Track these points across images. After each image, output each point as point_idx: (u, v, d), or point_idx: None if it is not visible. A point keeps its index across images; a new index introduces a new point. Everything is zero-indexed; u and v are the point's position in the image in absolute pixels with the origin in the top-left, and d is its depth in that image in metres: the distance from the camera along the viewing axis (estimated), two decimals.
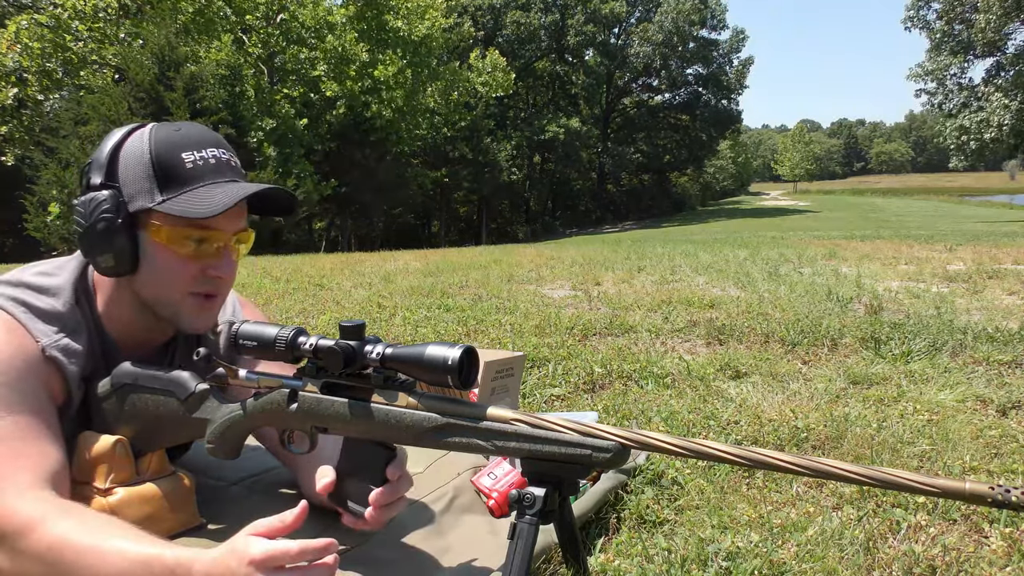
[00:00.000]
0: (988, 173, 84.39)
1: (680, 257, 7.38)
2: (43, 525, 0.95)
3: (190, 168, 1.13)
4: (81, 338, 1.16)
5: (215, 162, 1.16)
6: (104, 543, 0.93)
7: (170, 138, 1.14)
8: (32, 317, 1.11)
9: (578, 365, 2.70)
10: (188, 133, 1.17)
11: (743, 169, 78.22)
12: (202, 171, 1.14)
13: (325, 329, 3.55)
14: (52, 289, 1.16)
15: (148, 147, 1.13)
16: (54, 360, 1.11)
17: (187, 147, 1.14)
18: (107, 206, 1.11)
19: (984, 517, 1.45)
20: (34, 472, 1.02)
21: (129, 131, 1.16)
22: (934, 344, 2.92)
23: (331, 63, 22.72)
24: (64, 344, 1.13)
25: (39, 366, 1.10)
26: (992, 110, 22.74)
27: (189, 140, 1.15)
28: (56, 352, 1.11)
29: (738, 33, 44.33)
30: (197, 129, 1.19)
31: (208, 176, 1.14)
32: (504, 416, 0.96)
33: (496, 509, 1.40)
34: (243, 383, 1.13)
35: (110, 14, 18.57)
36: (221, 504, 1.36)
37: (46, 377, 1.11)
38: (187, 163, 1.13)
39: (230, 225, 1.17)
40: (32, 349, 1.09)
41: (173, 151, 1.13)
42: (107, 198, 1.11)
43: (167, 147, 1.13)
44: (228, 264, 1.18)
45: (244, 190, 1.13)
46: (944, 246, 8.04)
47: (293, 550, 0.88)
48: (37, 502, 0.97)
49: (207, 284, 1.17)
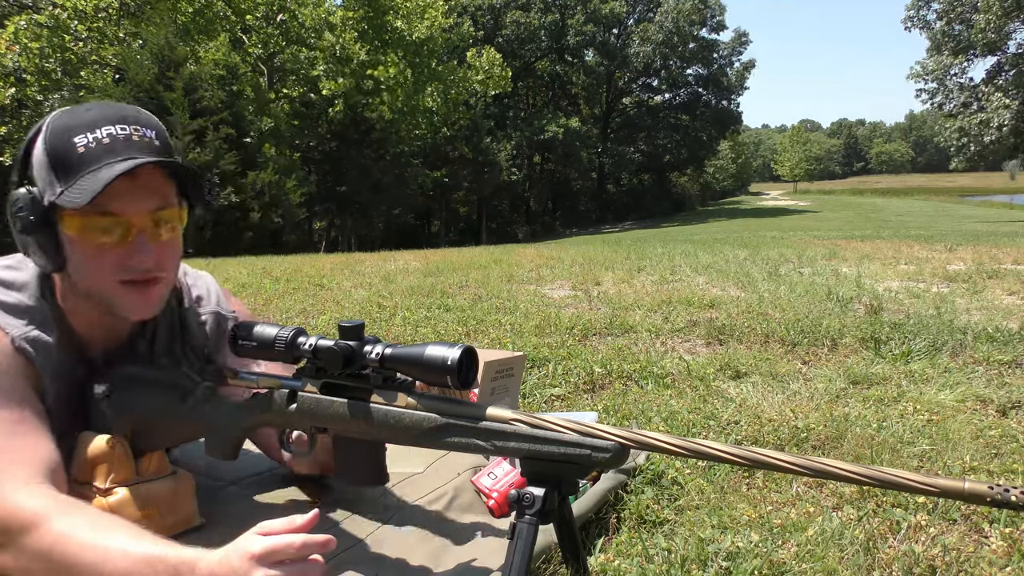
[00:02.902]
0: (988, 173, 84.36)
1: (680, 257, 7.38)
2: (46, 522, 0.94)
3: (82, 153, 1.07)
4: (51, 331, 1.14)
5: (109, 141, 1.08)
6: (107, 541, 0.92)
7: (65, 124, 1.09)
8: (0, 312, 1.10)
9: (578, 365, 2.70)
10: (87, 115, 1.10)
11: (743, 169, 78.22)
12: (95, 154, 1.07)
13: (325, 329, 3.55)
14: (18, 283, 1.15)
15: (44, 137, 1.09)
16: (23, 352, 1.10)
17: (80, 130, 1.08)
18: (21, 205, 1.08)
19: (984, 517, 1.45)
20: (30, 466, 1.01)
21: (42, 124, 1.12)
22: (934, 344, 2.92)
23: (330, 62, 22.72)
24: (34, 336, 1.11)
25: (16, 360, 1.09)
26: (992, 111, 22.73)
27: (83, 122, 1.09)
28: (25, 344, 1.10)
29: (740, 35, 44.39)
30: (97, 109, 1.12)
31: (100, 158, 1.06)
32: (504, 416, 0.96)
33: (496, 509, 1.40)
34: (243, 383, 1.13)
35: (110, 14, 18.57)
36: (221, 504, 1.36)
37: (21, 370, 1.10)
38: (79, 148, 1.07)
39: (138, 205, 1.09)
40: (5, 342, 1.08)
41: (66, 137, 1.07)
42: (21, 197, 1.08)
43: (60, 134, 1.08)
44: (147, 249, 1.10)
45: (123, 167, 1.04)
46: (944, 246, 8.04)
47: (296, 543, 0.89)
48: (38, 498, 0.97)
49: (132, 271, 1.11)
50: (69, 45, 17.98)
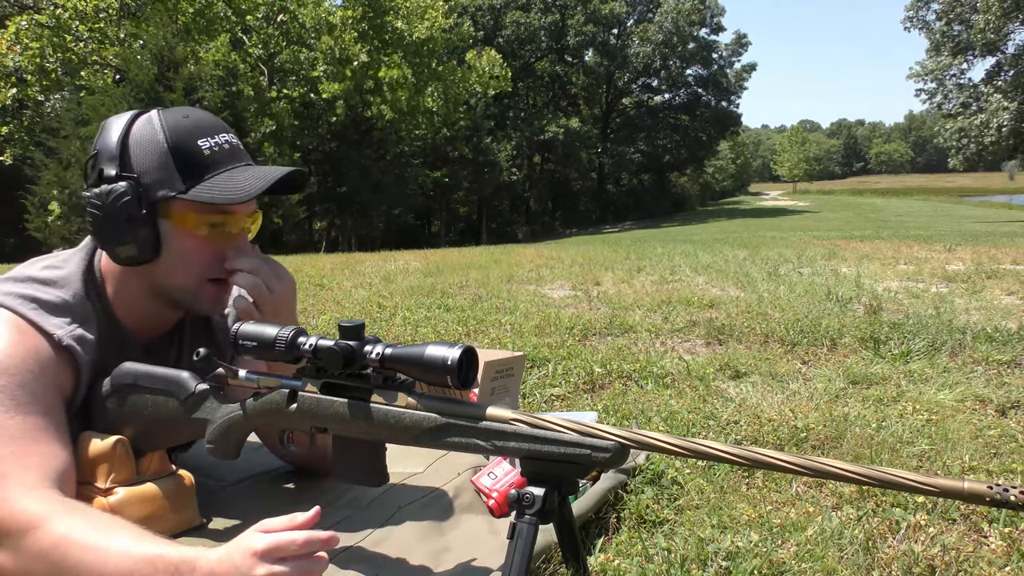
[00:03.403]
0: (987, 173, 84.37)
1: (680, 257, 7.38)
2: (47, 523, 0.94)
3: (208, 155, 1.15)
4: (92, 328, 1.16)
5: (229, 148, 1.18)
6: (108, 541, 0.93)
7: (183, 125, 1.16)
8: (42, 312, 1.11)
9: (578, 365, 2.70)
10: (198, 120, 1.19)
11: (743, 169, 78.23)
12: (220, 157, 1.17)
13: (325, 329, 3.56)
14: (60, 281, 1.16)
15: (163, 135, 1.14)
16: (69, 350, 1.11)
17: (201, 134, 1.16)
18: (128, 197, 1.11)
19: (983, 517, 1.45)
20: (40, 471, 1.01)
21: (133, 119, 1.16)
22: (933, 344, 2.93)
23: (330, 63, 22.72)
24: (79, 334, 1.13)
25: (52, 362, 1.10)
26: (992, 111, 22.73)
27: (201, 126, 1.17)
28: (72, 341, 1.12)
29: (740, 37, 44.42)
30: (205, 115, 1.21)
31: (226, 161, 1.17)
32: (503, 416, 0.96)
33: (496, 509, 1.40)
34: (243, 383, 1.14)
35: (111, 15, 18.57)
36: (221, 504, 1.36)
37: (59, 371, 1.11)
38: (204, 150, 1.15)
39: (245, 208, 1.20)
40: (44, 348, 1.09)
41: (189, 139, 1.15)
42: (126, 189, 1.12)
43: (183, 135, 1.15)
44: (247, 248, 1.22)
45: (270, 174, 1.16)
46: (943, 246, 8.04)
47: (299, 540, 0.89)
48: (41, 501, 0.97)
49: (223, 270, 1.20)
50: (70, 45, 17.99)
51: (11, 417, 1.03)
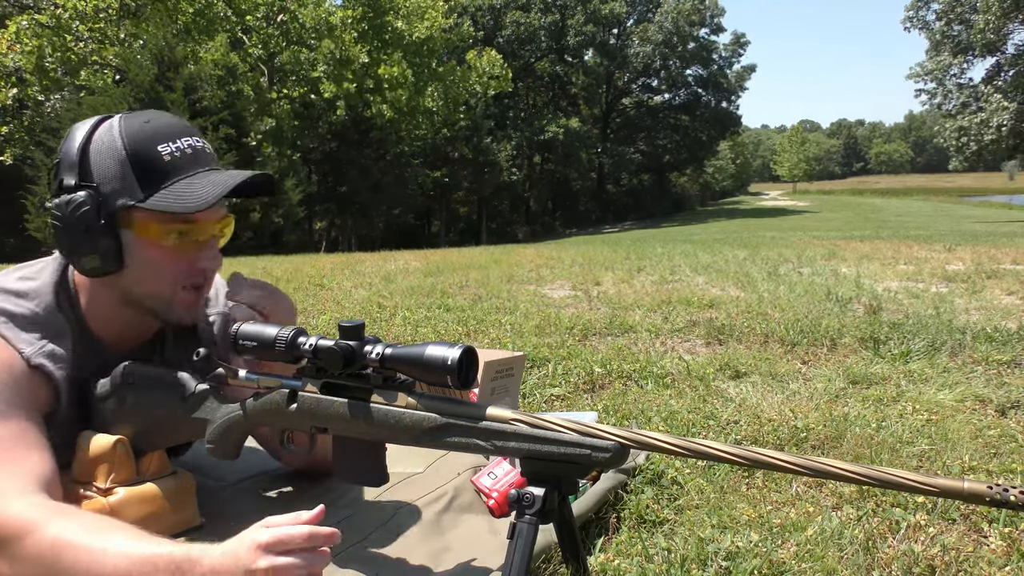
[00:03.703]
0: (987, 174, 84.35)
1: (680, 257, 7.38)
2: (40, 528, 0.93)
3: (168, 161, 1.11)
4: (65, 341, 1.14)
5: (192, 152, 1.14)
6: (105, 543, 0.92)
7: (143, 131, 1.12)
8: (12, 327, 1.10)
9: (578, 365, 2.70)
10: (159, 124, 1.14)
11: (742, 169, 78.24)
12: (181, 163, 1.12)
13: (325, 329, 3.56)
14: (31, 294, 1.14)
15: (121, 142, 1.10)
16: (40, 367, 1.10)
17: (161, 139, 1.12)
18: (86, 207, 1.08)
19: (983, 517, 1.45)
20: (24, 478, 1.00)
21: (95, 126, 1.13)
22: (933, 344, 2.93)
23: (331, 64, 22.73)
24: (49, 350, 1.11)
25: (26, 375, 1.08)
26: (991, 111, 22.72)
27: (162, 132, 1.13)
28: (42, 359, 1.10)
29: (739, 37, 44.44)
30: (166, 119, 1.16)
31: (187, 168, 1.12)
32: (504, 416, 0.96)
33: (496, 509, 1.40)
34: (243, 383, 1.14)
35: (111, 14, 18.57)
36: (221, 504, 1.36)
37: (33, 386, 1.09)
38: (164, 156, 1.11)
39: (213, 215, 1.16)
40: (16, 361, 1.08)
41: (148, 144, 1.11)
42: (85, 199, 1.08)
43: (141, 141, 1.11)
44: (215, 254, 1.19)
45: (229, 180, 1.12)
46: (943, 246, 8.04)
47: (303, 533, 0.89)
48: (32, 506, 0.96)
49: (196, 276, 1.18)
50: (70, 45, 17.99)
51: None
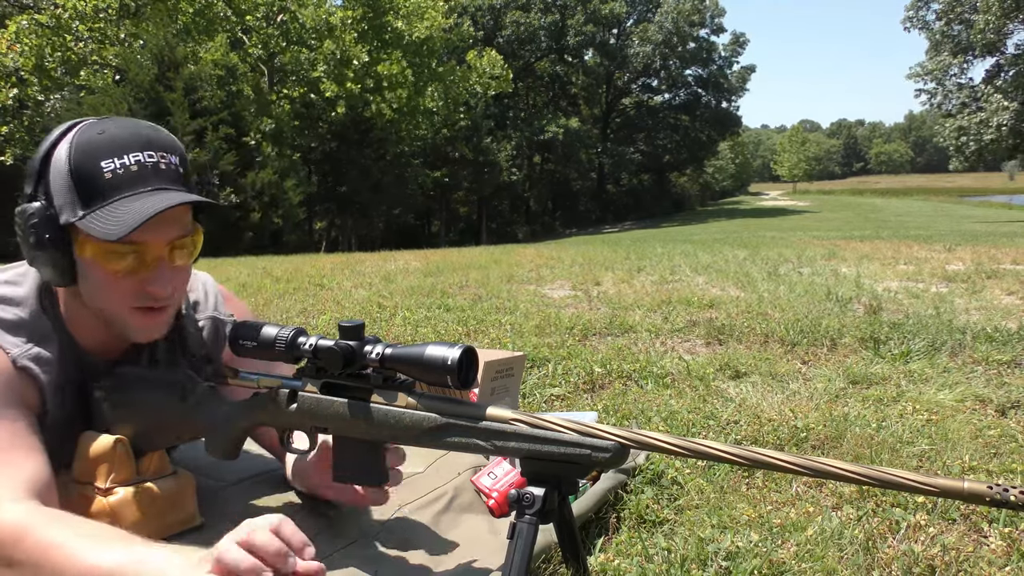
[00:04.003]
0: (987, 174, 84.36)
1: (680, 257, 7.39)
2: (28, 534, 0.92)
3: (108, 178, 1.04)
4: (52, 346, 1.13)
5: (137, 169, 1.05)
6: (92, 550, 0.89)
7: (91, 143, 1.05)
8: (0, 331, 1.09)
9: (578, 365, 2.70)
10: (112, 136, 1.06)
11: (742, 169, 78.23)
12: (121, 180, 1.04)
13: (325, 329, 3.56)
14: (16, 299, 1.13)
15: (67, 155, 1.05)
16: (26, 370, 1.09)
17: (107, 153, 1.05)
18: (35, 220, 1.05)
19: (983, 517, 1.45)
20: (15, 481, 0.99)
21: (62, 134, 1.07)
22: (933, 344, 2.93)
23: (331, 64, 22.73)
24: (35, 353, 1.10)
25: (13, 378, 1.07)
26: (992, 111, 22.72)
27: (110, 145, 1.05)
28: (28, 362, 1.09)
29: (738, 37, 44.44)
30: (123, 130, 1.08)
31: (127, 186, 1.04)
32: (504, 416, 0.96)
33: (496, 509, 1.40)
34: (243, 383, 1.14)
35: (110, 14, 18.58)
36: (221, 504, 1.36)
37: (23, 386, 1.08)
38: (105, 172, 1.04)
39: (160, 235, 1.07)
40: (5, 362, 1.07)
41: (92, 160, 1.04)
42: (36, 211, 1.05)
43: (86, 155, 1.04)
44: (164, 277, 1.09)
45: (159, 205, 1.02)
46: (943, 246, 8.04)
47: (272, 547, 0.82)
48: (22, 512, 0.95)
49: (146, 299, 1.10)
50: (70, 45, 17.99)
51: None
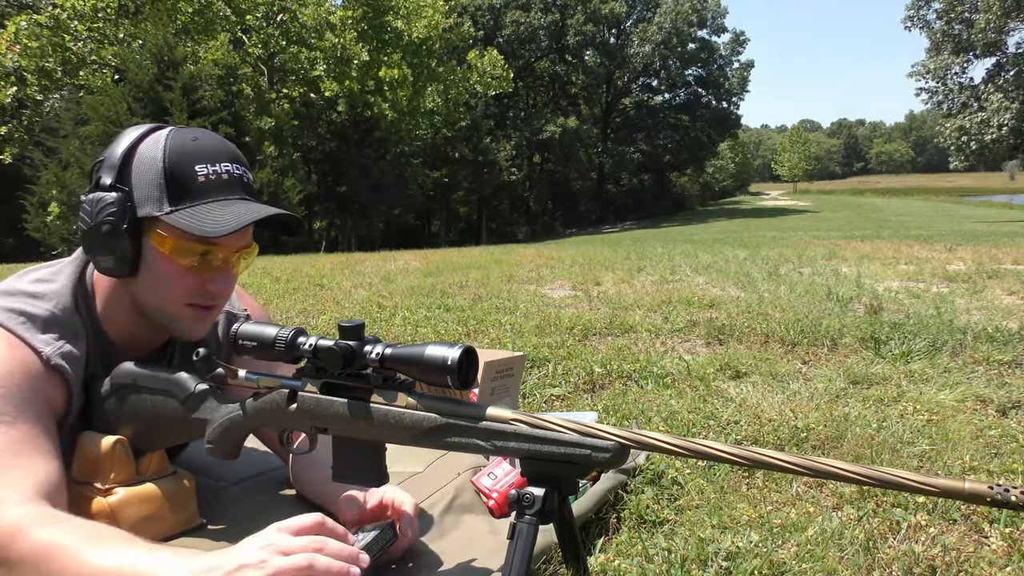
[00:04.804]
0: (988, 173, 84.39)
1: (680, 257, 7.39)
2: (27, 533, 0.92)
3: (202, 182, 1.12)
4: (80, 343, 1.15)
5: (227, 178, 1.15)
6: (91, 551, 0.90)
7: (185, 147, 1.13)
8: (30, 328, 1.10)
9: (578, 365, 2.70)
10: (204, 144, 1.15)
11: (743, 169, 78.22)
12: (214, 186, 1.13)
13: (325, 329, 3.56)
14: (49, 295, 1.15)
15: (163, 154, 1.12)
16: (58, 368, 1.10)
17: (201, 159, 1.13)
18: (114, 209, 1.10)
19: (984, 517, 1.45)
20: (24, 484, 0.99)
21: (145, 133, 1.15)
22: (934, 344, 2.92)
23: (331, 63, 22.72)
24: (67, 351, 1.12)
25: (41, 377, 1.09)
26: (992, 111, 22.71)
27: (204, 152, 1.14)
28: (59, 359, 1.11)
29: (737, 35, 44.44)
30: (214, 140, 1.18)
31: (218, 192, 1.13)
32: (504, 416, 0.96)
33: (496, 509, 1.40)
34: (243, 383, 1.13)
35: (109, 14, 18.58)
36: (221, 504, 1.36)
37: (48, 387, 1.10)
38: (199, 176, 1.12)
39: (235, 242, 1.16)
40: (33, 362, 1.08)
41: (187, 162, 1.12)
42: (115, 200, 1.10)
43: (181, 157, 1.12)
44: (227, 279, 1.19)
45: (252, 213, 1.12)
46: (944, 246, 8.04)
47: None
48: (22, 513, 0.94)
49: (204, 297, 1.17)
50: (69, 45, 18.00)
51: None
